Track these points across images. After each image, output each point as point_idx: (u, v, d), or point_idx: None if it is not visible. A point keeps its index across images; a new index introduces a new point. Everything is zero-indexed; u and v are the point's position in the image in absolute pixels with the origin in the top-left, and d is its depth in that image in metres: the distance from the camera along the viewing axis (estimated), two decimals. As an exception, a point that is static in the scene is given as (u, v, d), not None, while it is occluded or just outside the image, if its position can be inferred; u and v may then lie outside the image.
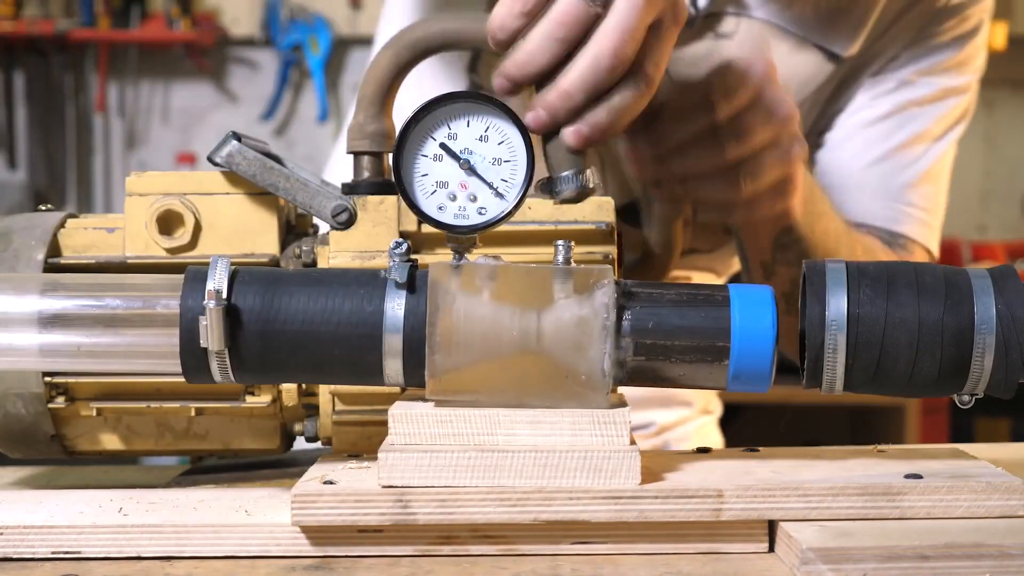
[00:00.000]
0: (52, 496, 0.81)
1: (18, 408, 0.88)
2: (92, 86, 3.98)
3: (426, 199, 0.77)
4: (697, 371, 0.77)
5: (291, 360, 0.77)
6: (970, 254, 3.60)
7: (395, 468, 0.73)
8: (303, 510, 0.73)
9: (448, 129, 0.77)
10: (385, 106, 0.89)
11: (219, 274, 0.76)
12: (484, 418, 0.74)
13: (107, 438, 0.92)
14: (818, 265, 0.77)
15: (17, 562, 0.74)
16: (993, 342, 0.75)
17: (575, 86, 0.79)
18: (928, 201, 1.30)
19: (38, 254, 0.88)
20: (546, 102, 0.80)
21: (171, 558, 0.74)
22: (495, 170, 0.77)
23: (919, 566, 0.67)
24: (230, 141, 0.87)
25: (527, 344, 0.75)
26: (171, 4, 3.83)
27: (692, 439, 1.49)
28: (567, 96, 0.79)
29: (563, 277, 0.76)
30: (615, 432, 0.74)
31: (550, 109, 0.80)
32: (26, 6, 3.88)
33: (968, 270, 0.78)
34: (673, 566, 0.72)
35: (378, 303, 0.76)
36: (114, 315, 0.77)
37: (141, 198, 0.89)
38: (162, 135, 4.02)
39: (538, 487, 0.73)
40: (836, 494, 0.74)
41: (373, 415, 0.88)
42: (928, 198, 1.30)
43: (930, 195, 1.30)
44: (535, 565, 0.72)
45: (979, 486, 0.74)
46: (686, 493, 0.73)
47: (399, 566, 0.72)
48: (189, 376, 0.77)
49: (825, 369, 0.76)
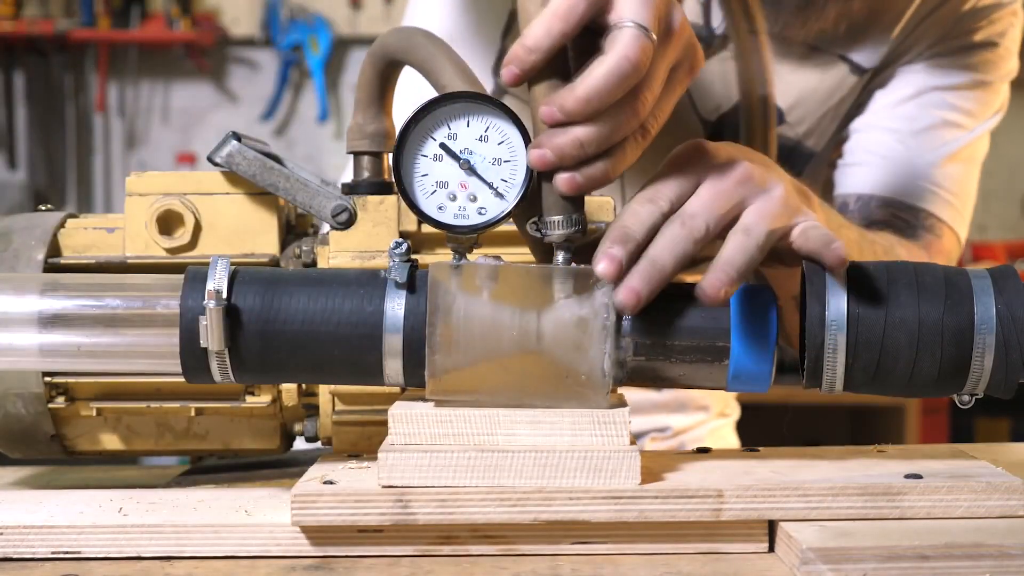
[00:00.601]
0: (52, 496, 0.81)
1: (18, 408, 0.88)
2: (92, 86, 3.98)
3: (426, 199, 0.77)
4: (697, 371, 0.77)
5: (291, 360, 0.77)
6: (970, 254, 3.60)
7: (395, 468, 0.73)
8: (303, 510, 0.73)
9: (448, 129, 0.77)
10: (383, 106, 0.89)
11: (219, 274, 0.76)
12: (484, 418, 0.74)
13: (107, 438, 0.92)
14: (818, 266, 0.77)
15: (17, 562, 0.74)
16: (993, 342, 0.75)
17: (590, 140, 0.75)
18: (956, 184, 1.26)
19: (38, 254, 0.88)
20: (556, 145, 0.75)
21: (171, 558, 0.74)
22: (495, 170, 0.77)
23: (919, 566, 0.67)
24: (230, 141, 0.87)
25: (527, 344, 0.75)
26: (171, 4, 3.83)
27: (707, 442, 1.48)
28: (579, 146, 0.75)
29: (563, 277, 0.76)
30: (615, 432, 0.74)
31: (559, 153, 0.75)
32: (26, 6, 3.88)
33: (968, 270, 0.78)
34: (673, 566, 0.72)
35: (378, 303, 0.76)
36: (114, 315, 0.77)
37: (141, 198, 0.89)
38: (162, 135, 4.02)
39: (538, 487, 0.73)
40: (836, 494, 0.74)
41: (373, 415, 0.88)
42: (955, 180, 1.26)
43: (958, 177, 1.26)
44: (535, 565, 0.72)
45: (979, 486, 0.74)
46: (686, 493, 0.73)
47: (399, 566, 0.72)
48: (189, 376, 0.77)
49: (825, 369, 0.76)
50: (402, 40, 0.84)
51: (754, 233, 0.76)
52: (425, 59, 0.82)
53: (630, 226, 0.76)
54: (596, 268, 0.74)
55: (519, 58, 0.75)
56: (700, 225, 0.76)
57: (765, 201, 0.78)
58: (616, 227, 0.76)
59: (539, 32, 0.75)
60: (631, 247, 0.75)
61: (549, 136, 0.75)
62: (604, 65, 0.74)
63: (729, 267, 0.75)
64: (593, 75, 0.74)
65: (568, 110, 0.74)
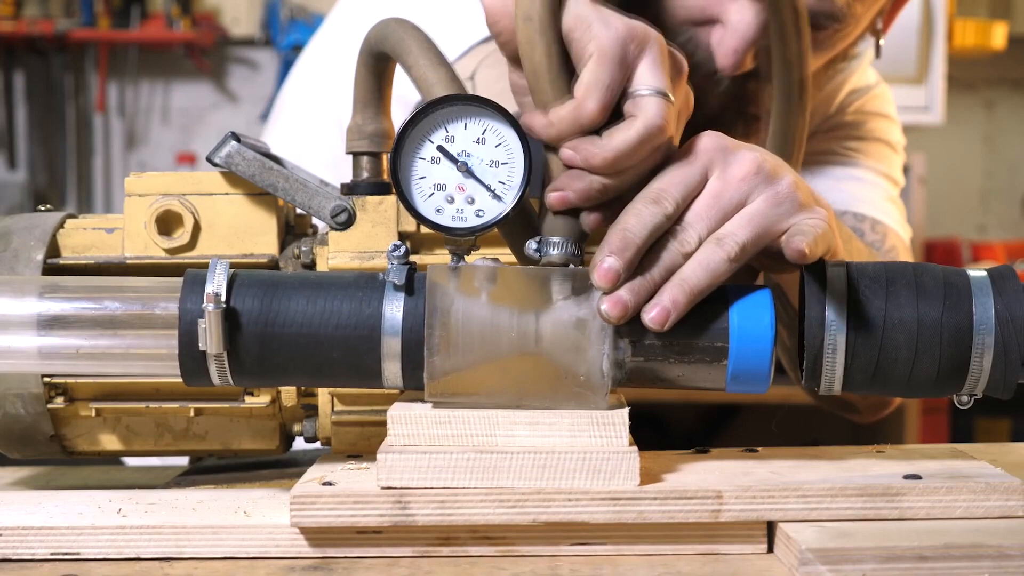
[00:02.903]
0: (51, 497, 0.81)
1: (18, 408, 0.88)
2: (92, 86, 3.98)
3: (424, 201, 0.77)
4: (696, 372, 0.77)
5: (290, 363, 0.77)
6: (970, 254, 3.59)
7: (394, 469, 0.73)
8: (302, 511, 0.73)
9: (445, 132, 0.77)
10: (381, 106, 0.89)
11: (218, 277, 0.76)
12: (483, 419, 0.74)
13: (106, 438, 0.92)
14: (818, 266, 0.77)
15: (16, 563, 0.74)
16: (992, 342, 0.75)
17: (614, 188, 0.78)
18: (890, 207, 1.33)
19: (37, 254, 0.88)
20: (580, 190, 0.77)
21: (170, 559, 0.74)
22: (492, 172, 0.77)
23: (918, 567, 0.67)
24: (229, 141, 0.87)
25: (526, 345, 0.75)
26: (171, 4, 3.83)
27: None
28: (604, 192, 0.78)
29: (561, 278, 0.76)
30: (614, 433, 0.74)
31: (583, 197, 0.78)
32: (26, 6, 3.88)
33: (967, 270, 0.78)
34: (672, 567, 0.72)
35: (376, 305, 0.76)
36: (113, 318, 0.77)
37: (140, 198, 0.89)
38: (162, 135, 4.02)
39: (537, 488, 0.73)
40: (835, 495, 0.74)
41: (372, 416, 0.88)
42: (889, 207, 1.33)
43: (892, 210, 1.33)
44: (534, 566, 0.72)
45: (978, 486, 0.74)
46: (685, 494, 0.73)
47: (398, 567, 0.72)
48: (188, 379, 0.77)
49: (824, 369, 0.76)
50: (380, 30, 0.86)
51: (727, 244, 0.77)
52: (396, 44, 0.84)
53: (631, 229, 0.76)
54: (592, 277, 0.75)
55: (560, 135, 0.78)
56: (692, 239, 0.77)
57: (765, 200, 0.78)
58: (617, 230, 0.76)
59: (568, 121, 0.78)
60: (630, 255, 0.75)
61: (571, 179, 0.77)
62: (633, 129, 0.77)
63: (679, 290, 0.75)
64: (622, 136, 0.77)
65: (594, 165, 0.77)
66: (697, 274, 0.76)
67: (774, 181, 0.78)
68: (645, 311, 0.75)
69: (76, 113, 4.00)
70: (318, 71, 1.43)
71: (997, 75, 3.98)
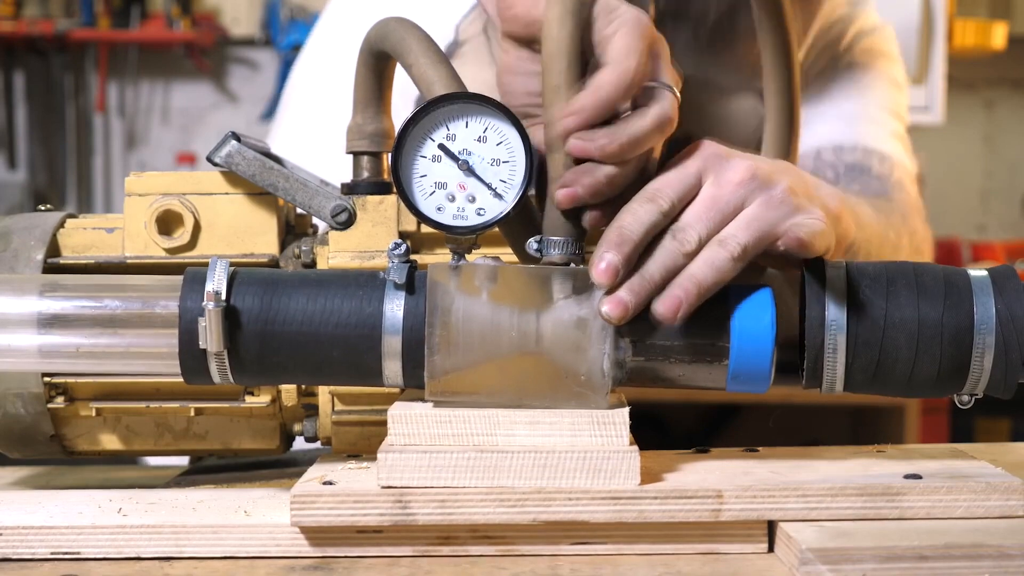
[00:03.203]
0: (51, 496, 0.81)
1: (18, 408, 0.88)
2: (92, 86, 3.98)
3: (425, 200, 0.77)
4: (696, 371, 0.77)
5: (290, 361, 0.77)
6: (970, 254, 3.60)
7: (394, 468, 0.73)
8: (302, 511, 0.73)
9: (447, 130, 0.77)
10: (382, 105, 0.89)
11: (218, 275, 0.76)
12: (483, 419, 0.74)
13: (106, 438, 0.92)
14: (817, 266, 0.77)
15: (16, 562, 0.74)
16: (992, 342, 0.75)
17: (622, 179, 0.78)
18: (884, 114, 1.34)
19: (37, 254, 0.88)
20: (588, 185, 0.77)
21: (170, 559, 0.74)
22: (494, 171, 0.77)
23: (918, 566, 0.67)
24: (229, 141, 0.87)
25: (526, 345, 0.75)
26: (171, 4, 3.83)
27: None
28: (611, 185, 0.77)
29: (562, 278, 0.76)
30: (614, 432, 0.74)
31: (592, 191, 0.77)
32: (26, 6, 3.88)
33: (968, 270, 0.78)
34: (672, 566, 0.72)
35: (377, 304, 0.76)
36: (113, 316, 0.77)
37: (140, 198, 0.89)
38: (162, 135, 4.02)
39: (537, 488, 0.73)
40: (835, 494, 0.74)
41: (372, 415, 0.88)
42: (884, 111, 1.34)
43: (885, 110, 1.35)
44: (534, 565, 0.72)
45: (978, 486, 0.74)
46: (685, 494, 0.73)
47: (398, 566, 0.72)
48: (188, 377, 0.77)
49: (825, 369, 0.76)
50: (379, 29, 0.85)
51: (729, 245, 0.77)
52: (396, 43, 0.83)
53: (627, 226, 0.76)
54: (591, 274, 0.75)
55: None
56: (692, 238, 0.77)
57: (761, 203, 0.78)
58: (614, 229, 0.76)
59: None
60: (627, 249, 0.75)
61: (579, 174, 0.77)
62: (650, 116, 0.78)
63: (690, 283, 0.76)
64: (638, 124, 0.78)
65: (609, 152, 0.77)
66: (704, 272, 0.76)
67: (769, 186, 0.79)
68: (655, 304, 0.75)
69: (76, 113, 4.00)
70: (316, 71, 1.43)
71: (997, 75, 3.98)
